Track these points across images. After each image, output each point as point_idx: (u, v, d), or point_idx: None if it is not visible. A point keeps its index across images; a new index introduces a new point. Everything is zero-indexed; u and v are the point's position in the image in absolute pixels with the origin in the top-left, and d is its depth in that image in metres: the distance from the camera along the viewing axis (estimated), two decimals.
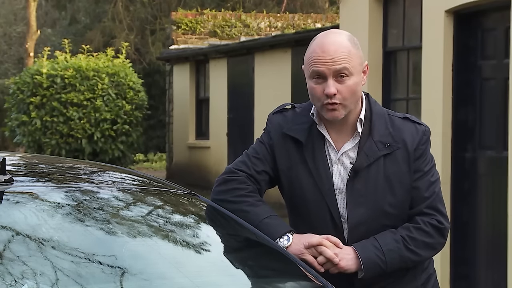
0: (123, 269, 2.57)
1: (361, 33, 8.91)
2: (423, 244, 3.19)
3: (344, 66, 3.12)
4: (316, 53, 3.15)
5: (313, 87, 3.17)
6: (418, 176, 3.22)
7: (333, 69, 3.12)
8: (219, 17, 20.37)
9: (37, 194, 2.80)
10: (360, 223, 3.18)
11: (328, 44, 3.15)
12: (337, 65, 3.12)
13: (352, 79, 3.14)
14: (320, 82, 3.15)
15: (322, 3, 26.29)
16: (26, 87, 15.92)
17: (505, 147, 7.41)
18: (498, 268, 7.54)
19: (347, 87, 3.14)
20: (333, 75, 3.12)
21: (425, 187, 3.22)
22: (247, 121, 15.62)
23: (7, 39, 33.30)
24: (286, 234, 3.15)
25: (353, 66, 3.15)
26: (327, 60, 3.12)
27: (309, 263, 3.08)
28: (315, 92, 3.16)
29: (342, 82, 3.13)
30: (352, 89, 3.15)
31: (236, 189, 3.24)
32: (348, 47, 3.15)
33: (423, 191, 3.22)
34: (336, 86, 3.13)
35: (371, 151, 3.20)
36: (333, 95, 3.12)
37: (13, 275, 2.37)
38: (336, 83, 3.13)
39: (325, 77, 3.13)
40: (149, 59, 26.60)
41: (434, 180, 3.25)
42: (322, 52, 3.13)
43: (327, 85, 3.13)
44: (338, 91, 3.13)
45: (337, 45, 3.14)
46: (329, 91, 3.12)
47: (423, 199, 3.21)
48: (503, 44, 7.52)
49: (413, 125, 3.27)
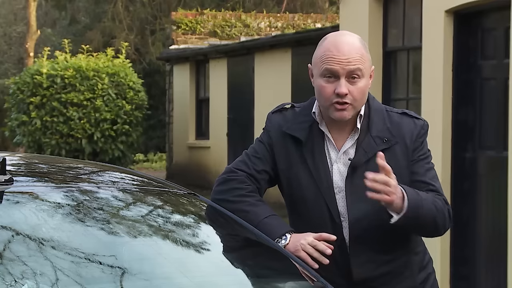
0: (123, 269, 2.57)
1: (361, 33, 8.89)
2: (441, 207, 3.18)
3: (358, 67, 3.13)
4: (331, 52, 3.14)
5: (323, 86, 3.16)
6: (415, 162, 3.23)
7: (347, 69, 3.12)
8: (219, 17, 20.36)
9: (37, 194, 2.80)
10: (360, 219, 3.18)
11: (343, 44, 3.16)
12: (351, 66, 3.12)
13: (362, 81, 3.15)
14: (331, 81, 3.14)
15: (322, 3, 26.27)
16: (26, 87, 15.92)
17: (505, 147, 7.41)
18: (498, 268, 7.54)
19: (358, 89, 3.14)
20: (346, 75, 3.13)
21: (423, 171, 3.23)
22: (247, 121, 15.62)
23: (7, 39, 33.28)
24: (285, 234, 3.15)
25: (365, 68, 3.16)
26: (342, 60, 3.12)
27: (303, 259, 3.07)
28: (325, 91, 3.16)
29: (353, 83, 3.14)
30: (362, 91, 3.15)
31: (236, 188, 3.24)
32: (361, 49, 3.17)
33: (423, 176, 3.22)
34: (348, 87, 3.13)
35: (369, 146, 3.20)
36: (345, 95, 3.13)
37: (13, 275, 2.37)
38: (347, 84, 3.13)
39: (337, 77, 3.13)
40: (149, 59, 26.58)
41: (431, 166, 3.27)
42: (337, 51, 3.13)
43: (339, 85, 3.12)
44: (349, 92, 3.13)
45: (352, 46, 3.16)
46: (341, 91, 3.12)
47: (425, 183, 3.22)
48: (503, 44, 7.52)
49: (411, 120, 3.28)
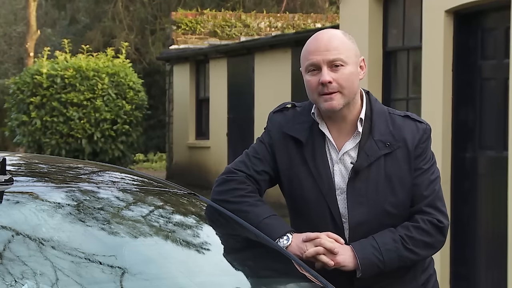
0: (123, 269, 2.57)
1: (361, 33, 8.91)
2: (422, 243, 3.19)
3: (338, 56, 3.13)
4: (311, 46, 3.17)
5: (308, 80, 3.18)
6: (418, 174, 3.21)
7: (326, 59, 3.13)
8: (219, 17, 20.36)
9: (37, 194, 2.80)
10: (361, 223, 3.18)
11: (322, 35, 3.18)
12: (330, 55, 3.13)
13: (347, 68, 3.14)
14: (315, 73, 3.16)
15: (322, 3, 26.27)
16: (26, 87, 15.91)
17: (505, 147, 7.41)
18: (498, 268, 7.54)
19: (342, 75, 3.13)
20: (328, 65, 3.13)
21: (424, 185, 3.21)
22: (247, 121, 15.61)
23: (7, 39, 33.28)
24: (286, 234, 3.15)
25: (348, 56, 3.15)
26: (321, 51, 3.13)
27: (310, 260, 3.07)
28: (311, 84, 3.17)
29: (337, 71, 3.13)
30: (348, 77, 3.14)
31: (235, 189, 3.24)
32: (341, 38, 3.18)
33: (423, 189, 3.21)
34: (331, 75, 3.13)
35: (371, 150, 3.19)
36: (328, 83, 3.12)
37: (13, 275, 2.37)
38: (331, 72, 3.13)
39: (319, 68, 3.14)
40: (149, 59, 26.58)
41: (434, 178, 3.24)
42: (316, 44, 3.16)
43: (322, 74, 3.13)
44: (333, 80, 3.12)
45: (331, 36, 3.17)
46: (324, 79, 3.12)
47: (423, 197, 3.21)
48: (503, 44, 7.52)
49: (413, 123, 3.27)
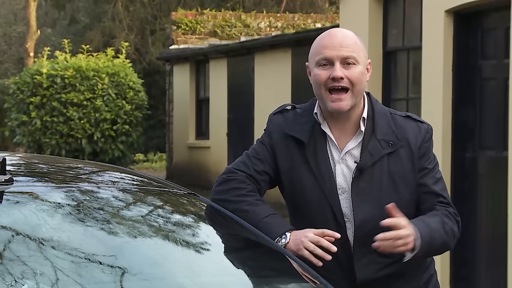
0: (123, 269, 2.57)
1: (361, 33, 8.89)
2: (451, 231, 3.18)
3: (352, 54, 3.15)
4: (325, 41, 3.18)
5: (318, 74, 3.17)
6: (424, 173, 3.22)
7: (341, 55, 3.14)
8: (219, 17, 20.36)
9: (37, 194, 2.80)
10: (366, 221, 3.17)
11: (336, 32, 3.20)
12: (345, 52, 3.15)
13: (358, 67, 3.16)
14: (327, 68, 3.16)
15: (322, 3, 26.27)
16: (26, 87, 15.91)
17: (505, 147, 7.41)
18: (498, 268, 7.54)
19: (354, 73, 3.15)
20: (341, 61, 3.14)
21: (434, 183, 3.22)
22: (247, 121, 15.61)
23: (7, 39, 33.26)
24: (285, 233, 3.15)
25: (360, 56, 3.18)
26: (336, 46, 3.15)
27: (306, 257, 3.06)
28: (320, 78, 3.16)
29: (349, 69, 3.15)
30: (358, 76, 3.16)
31: (235, 188, 3.24)
32: (355, 38, 3.21)
33: (433, 187, 3.22)
34: (343, 72, 3.14)
35: (375, 149, 3.20)
36: (340, 79, 3.12)
37: (13, 275, 2.37)
38: (343, 69, 3.14)
39: (332, 63, 3.14)
40: (149, 59, 26.58)
41: (439, 176, 3.27)
42: (330, 40, 3.17)
43: (334, 69, 3.14)
44: (345, 76, 3.13)
45: (345, 35, 3.20)
46: (336, 74, 3.12)
47: (435, 194, 3.22)
48: (503, 44, 7.52)
49: (415, 123, 3.28)
